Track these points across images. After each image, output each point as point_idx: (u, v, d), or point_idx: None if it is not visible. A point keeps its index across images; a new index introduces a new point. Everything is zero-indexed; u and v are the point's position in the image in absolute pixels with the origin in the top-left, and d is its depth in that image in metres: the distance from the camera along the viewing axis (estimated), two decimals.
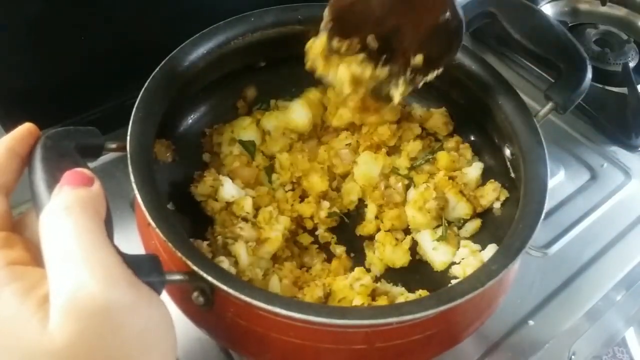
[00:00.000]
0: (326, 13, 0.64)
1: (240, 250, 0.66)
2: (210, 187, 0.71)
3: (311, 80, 0.82)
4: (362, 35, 0.63)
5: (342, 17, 0.62)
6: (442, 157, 0.76)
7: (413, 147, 0.77)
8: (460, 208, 0.74)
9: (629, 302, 0.84)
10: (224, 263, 0.63)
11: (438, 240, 0.73)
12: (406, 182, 0.77)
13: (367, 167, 0.77)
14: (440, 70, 0.65)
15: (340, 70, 0.66)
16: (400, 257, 0.72)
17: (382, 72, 0.66)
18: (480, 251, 0.70)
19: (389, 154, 0.78)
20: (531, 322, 0.79)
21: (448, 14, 0.59)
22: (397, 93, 0.67)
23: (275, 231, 0.69)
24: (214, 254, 0.66)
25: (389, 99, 0.68)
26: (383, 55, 0.64)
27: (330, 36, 0.65)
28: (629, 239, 0.89)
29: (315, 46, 0.67)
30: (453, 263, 0.72)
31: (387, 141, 0.78)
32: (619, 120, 1.00)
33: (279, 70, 0.81)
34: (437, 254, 0.72)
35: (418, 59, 0.63)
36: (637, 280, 0.85)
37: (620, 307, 0.83)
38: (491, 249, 0.68)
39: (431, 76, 0.65)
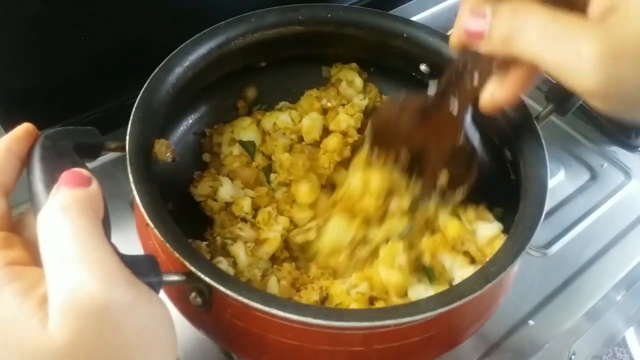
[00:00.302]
0: (368, 129, 0.72)
1: (239, 250, 0.66)
2: (209, 187, 0.71)
3: (312, 80, 0.82)
4: (396, 149, 0.70)
5: (380, 132, 0.71)
6: (453, 227, 0.69)
7: (397, 225, 0.71)
8: (457, 264, 0.68)
9: (629, 302, 0.84)
10: (223, 264, 0.63)
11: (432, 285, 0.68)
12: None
13: (337, 234, 0.72)
14: (465, 190, 0.69)
15: (380, 175, 0.72)
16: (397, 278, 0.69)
17: (415, 185, 0.71)
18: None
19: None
20: (531, 322, 0.79)
21: (460, 139, 0.65)
22: (432, 207, 0.71)
23: (274, 232, 0.69)
24: (213, 254, 0.66)
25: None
26: (414, 170, 0.70)
27: (371, 146, 0.72)
28: (629, 239, 0.89)
29: (359, 155, 0.74)
30: None
31: (369, 215, 0.72)
32: (619, 121, 1.00)
33: (279, 71, 0.81)
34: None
35: (443, 176, 0.68)
36: (637, 280, 0.85)
37: (620, 307, 0.83)
38: None
39: (459, 194, 0.69)
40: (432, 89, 0.66)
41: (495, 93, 0.56)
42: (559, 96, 0.68)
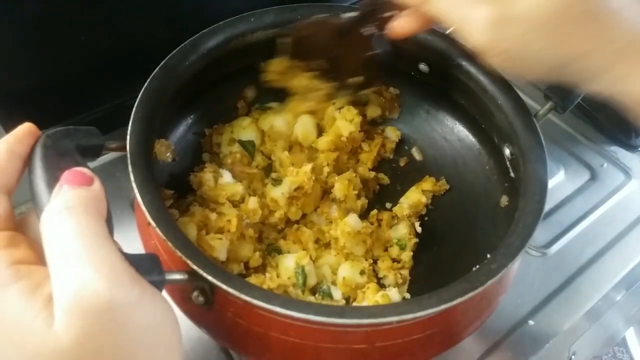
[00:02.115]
0: (289, 41, 0.73)
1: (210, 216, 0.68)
2: (211, 176, 0.72)
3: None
4: (315, 58, 0.72)
5: (300, 44, 0.72)
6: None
7: None
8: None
9: (629, 302, 0.84)
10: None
11: None
12: None
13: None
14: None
15: (298, 80, 0.74)
16: None
17: (330, 86, 0.73)
18: None
19: None
20: (531, 322, 0.79)
21: (371, 51, 0.68)
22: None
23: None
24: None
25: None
26: (331, 74, 0.73)
27: (292, 57, 0.73)
28: (629, 239, 0.89)
29: (275, 64, 0.74)
30: None
31: None
32: (619, 120, 1.00)
33: None
34: None
35: (358, 79, 0.72)
36: (637, 280, 0.85)
37: (620, 307, 0.83)
38: None
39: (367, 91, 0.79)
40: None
41: (405, 24, 0.62)
42: (558, 94, 0.68)
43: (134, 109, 0.61)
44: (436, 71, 0.76)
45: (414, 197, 0.78)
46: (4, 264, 0.40)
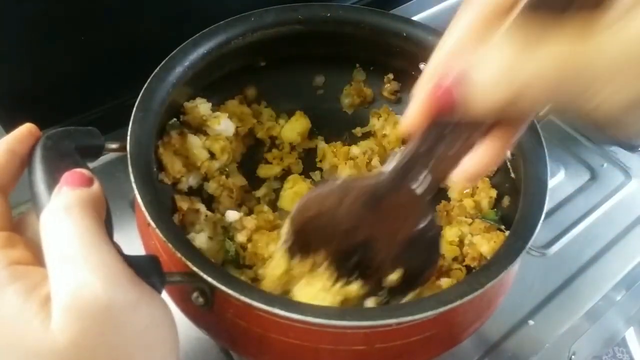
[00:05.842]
0: (285, 229, 0.56)
1: None
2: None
3: (310, 80, 0.82)
4: (328, 250, 0.55)
5: (305, 231, 0.55)
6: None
7: None
8: None
9: (629, 302, 0.84)
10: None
11: None
12: None
13: None
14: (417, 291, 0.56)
15: (307, 290, 0.58)
16: None
17: (355, 288, 0.56)
18: None
19: None
20: (531, 322, 0.79)
21: (425, 222, 0.53)
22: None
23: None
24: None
25: None
26: (354, 272, 0.56)
27: (290, 255, 0.57)
28: (629, 239, 0.89)
29: (273, 270, 0.59)
30: None
31: None
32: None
33: (279, 70, 0.81)
34: None
35: (396, 275, 0.55)
36: (637, 280, 0.85)
37: (620, 307, 0.83)
38: None
39: (409, 297, 0.56)
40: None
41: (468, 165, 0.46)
42: None
43: (134, 109, 0.61)
44: None
45: None
46: (0, 265, 0.40)
